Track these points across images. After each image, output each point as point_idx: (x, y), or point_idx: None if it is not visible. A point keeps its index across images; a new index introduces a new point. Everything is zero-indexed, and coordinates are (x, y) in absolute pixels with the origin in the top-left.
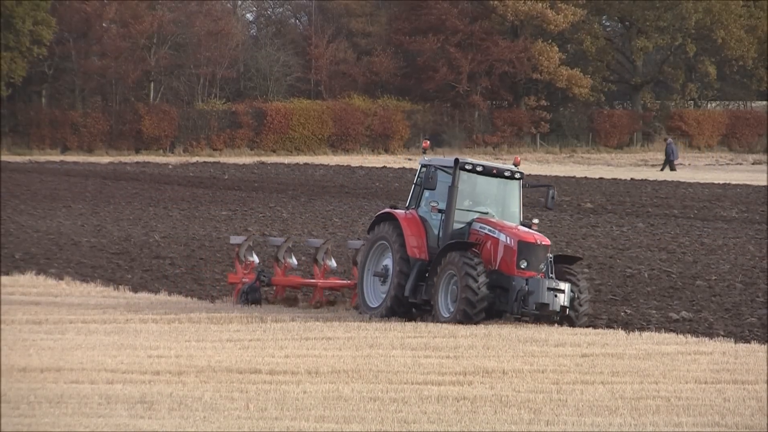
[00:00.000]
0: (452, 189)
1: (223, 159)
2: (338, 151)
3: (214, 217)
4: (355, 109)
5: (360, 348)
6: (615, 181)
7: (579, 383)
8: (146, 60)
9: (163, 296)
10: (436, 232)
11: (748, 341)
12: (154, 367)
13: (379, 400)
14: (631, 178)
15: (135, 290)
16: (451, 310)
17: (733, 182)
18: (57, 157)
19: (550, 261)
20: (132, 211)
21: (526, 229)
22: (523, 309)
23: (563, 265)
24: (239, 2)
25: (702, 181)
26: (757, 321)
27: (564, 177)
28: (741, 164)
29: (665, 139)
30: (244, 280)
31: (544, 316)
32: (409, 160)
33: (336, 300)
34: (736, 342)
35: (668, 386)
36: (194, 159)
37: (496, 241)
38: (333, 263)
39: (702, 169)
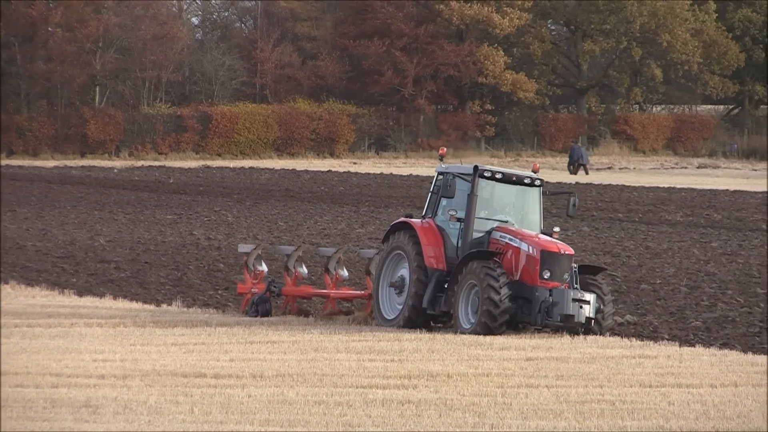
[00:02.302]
0: (471, 197)
1: (168, 163)
2: (283, 155)
3: (159, 221)
4: (300, 113)
5: (305, 352)
6: (559, 185)
7: (524, 387)
8: (92, 64)
9: (108, 300)
10: (454, 241)
11: (692, 345)
12: (99, 371)
13: (323, 403)
14: (576, 182)
15: (80, 294)
16: (472, 321)
17: (678, 186)
18: (2, 161)
19: (575, 271)
20: (77, 215)
21: (548, 238)
22: (547, 320)
23: (587, 275)
24: (185, 6)
25: (647, 185)
26: (701, 324)
27: None
28: (686, 168)
29: (573, 142)
30: (253, 290)
31: (568, 327)
32: (355, 164)
33: (352, 309)
34: (680, 346)
35: (613, 390)
36: (139, 163)
37: (518, 250)
38: (345, 273)
39: (647, 172)
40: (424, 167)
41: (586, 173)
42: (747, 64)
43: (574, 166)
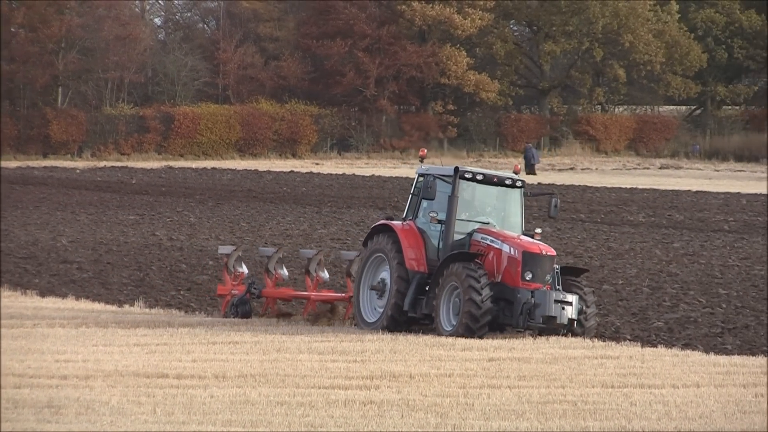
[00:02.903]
0: (452, 198)
1: (131, 163)
2: (246, 156)
3: (121, 221)
4: (262, 114)
5: (267, 352)
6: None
7: (486, 387)
8: (54, 64)
9: (70, 301)
10: (435, 243)
11: (654, 345)
12: (62, 372)
13: (286, 404)
14: (539, 183)
15: (42, 295)
16: (454, 323)
17: (640, 187)
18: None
19: (557, 272)
20: (39, 216)
21: (530, 239)
22: (529, 322)
23: (569, 277)
24: (147, 7)
25: (609, 186)
26: (663, 325)
27: None
28: (648, 169)
29: (526, 143)
30: (233, 291)
31: (551, 329)
32: (317, 164)
33: (334, 309)
34: (642, 346)
35: (575, 390)
36: (102, 164)
37: (499, 251)
38: (326, 275)
39: (609, 173)
40: (387, 168)
41: (534, 174)
42: (709, 65)
43: (531, 168)
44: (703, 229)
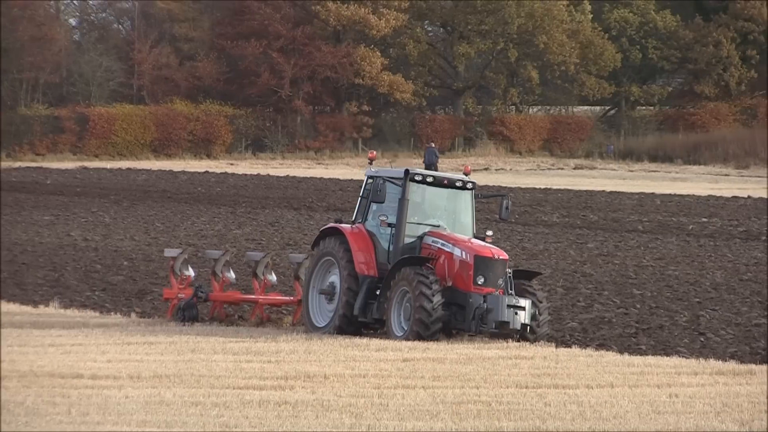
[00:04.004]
0: (402, 201)
1: (45, 164)
2: (161, 156)
3: (36, 222)
4: (177, 114)
5: (182, 353)
6: None
7: (400, 388)
8: None
9: None
10: (385, 247)
11: (569, 346)
12: None
13: (201, 404)
14: None
15: None
16: (405, 328)
17: (555, 187)
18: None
19: (509, 276)
20: None
21: (482, 243)
22: (482, 327)
23: (521, 280)
24: (62, 7)
25: (523, 186)
26: (578, 325)
27: None
28: (562, 169)
29: (427, 144)
30: (180, 295)
31: (503, 334)
32: (232, 165)
33: (278, 318)
34: (557, 347)
35: (489, 391)
36: (17, 164)
37: (451, 255)
38: (273, 278)
39: (523, 173)
40: (301, 168)
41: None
42: (623, 65)
43: (434, 167)
44: (618, 230)
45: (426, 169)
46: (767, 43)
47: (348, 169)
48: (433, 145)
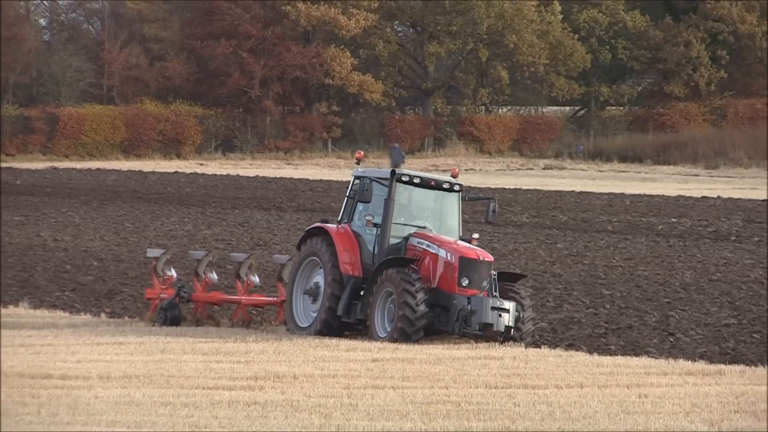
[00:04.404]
0: (389, 202)
1: (15, 164)
2: (130, 157)
3: (6, 222)
4: (147, 115)
5: (151, 353)
6: None
7: (370, 388)
8: None
9: None
10: (370, 247)
11: (538, 346)
12: None
13: (170, 404)
14: None
15: None
16: (388, 329)
17: (524, 187)
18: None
19: (494, 278)
20: None
21: (467, 245)
22: (465, 329)
23: (506, 282)
24: (32, 8)
25: (493, 186)
26: (547, 326)
27: None
28: (532, 169)
29: (392, 144)
30: (162, 296)
31: (487, 336)
32: (201, 165)
33: (261, 319)
34: (526, 347)
35: (459, 391)
36: None
37: (436, 257)
38: (256, 279)
39: (493, 174)
40: (271, 168)
41: None
42: (593, 66)
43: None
44: (587, 230)
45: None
46: (737, 44)
47: (318, 169)
48: (397, 145)
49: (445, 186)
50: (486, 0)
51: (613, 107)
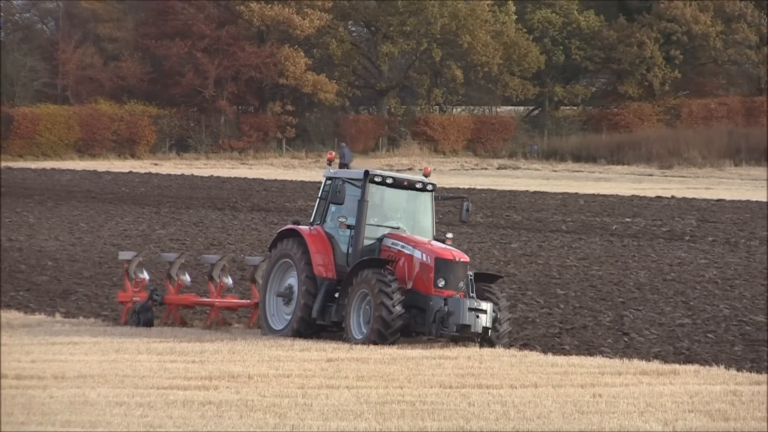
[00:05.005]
0: (362, 203)
1: None
2: (85, 156)
3: None
4: (101, 114)
5: (106, 353)
6: None
7: (324, 387)
8: None
9: None
10: (344, 249)
11: (492, 345)
12: None
13: (125, 404)
14: None
15: None
16: (364, 331)
17: (479, 187)
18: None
19: (471, 279)
20: None
21: (442, 245)
22: (442, 330)
23: (482, 283)
24: None
25: (447, 186)
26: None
27: (310, 182)
28: (486, 169)
29: (340, 144)
30: (134, 298)
31: (464, 337)
32: (156, 165)
33: (231, 322)
34: (480, 347)
35: (413, 390)
36: None
37: (411, 258)
38: (229, 281)
39: (447, 173)
40: (225, 168)
41: None
42: (547, 66)
43: (345, 167)
44: (541, 230)
45: (340, 168)
46: (690, 44)
47: (272, 169)
48: (344, 144)
49: (418, 186)
50: (440, 0)
51: (567, 107)
